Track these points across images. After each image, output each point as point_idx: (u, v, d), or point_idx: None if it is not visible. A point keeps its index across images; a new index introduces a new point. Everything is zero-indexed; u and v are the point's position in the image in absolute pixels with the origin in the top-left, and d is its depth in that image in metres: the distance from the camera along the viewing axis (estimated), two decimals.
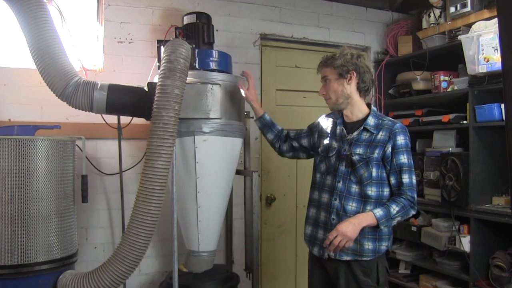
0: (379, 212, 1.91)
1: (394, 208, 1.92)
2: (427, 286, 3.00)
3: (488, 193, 2.74)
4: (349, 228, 1.87)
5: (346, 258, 1.99)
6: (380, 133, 1.99)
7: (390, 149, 1.97)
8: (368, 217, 1.91)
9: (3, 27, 2.52)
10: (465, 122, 2.82)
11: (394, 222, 1.96)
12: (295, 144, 2.32)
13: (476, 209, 2.67)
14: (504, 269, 2.51)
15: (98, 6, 2.76)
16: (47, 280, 1.97)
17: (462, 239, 2.72)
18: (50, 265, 1.97)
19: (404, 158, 1.96)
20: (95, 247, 2.67)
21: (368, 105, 2.10)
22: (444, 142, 3.05)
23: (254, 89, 2.36)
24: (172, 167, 2.03)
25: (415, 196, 1.97)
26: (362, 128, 2.02)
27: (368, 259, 1.98)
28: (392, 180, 1.98)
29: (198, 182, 2.29)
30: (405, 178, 1.96)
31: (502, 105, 2.50)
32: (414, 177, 1.98)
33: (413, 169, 1.99)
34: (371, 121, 2.02)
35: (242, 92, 2.32)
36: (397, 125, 2.01)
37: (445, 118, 2.93)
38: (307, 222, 2.16)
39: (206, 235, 2.36)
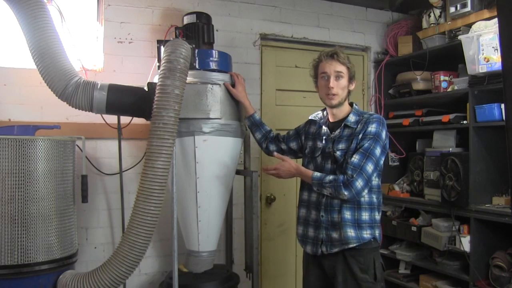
0: (316, 174, 2.01)
1: (328, 178, 1.98)
2: (427, 286, 3.00)
3: (488, 193, 2.74)
4: (286, 169, 2.07)
5: (336, 249, 2.02)
6: (359, 126, 2.03)
7: (360, 136, 1.99)
8: (306, 173, 2.06)
9: (3, 27, 2.52)
10: (465, 122, 2.82)
11: (325, 191, 2.00)
12: (283, 146, 2.36)
13: (476, 209, 2.67)
14: (504, 269, 2.51)
15: (98, 6, 2.76)
16: (47, 280, 1.97)
17: (462, 239, 2.72)
18: (50, 265, 1.97)
19: (366, 143, 1.96)
20: (95, 247, 2.66)
21: (351, 104, 2.14)
22: (444, 142, 3.05)
23: (241, 87, 2.36)
24: (172, 167, 2.03)
25: (358, 179, 1.91)
26: (343, 125, 2.06)
27: (354, 245, 2.00)
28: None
29: (198, 182, 2.29)
30: (355, 158, 1.94)
31: (502, 105, 2.50)
32: (367, 163, 1.92)
33: (372, 157, 1.94)
34: (351, 118, 2.07)
35: (229, 90, 2.33)
36: (374, 115, 2.05)
37: (445, 118, 2.93)
38: (298, 222, 2.21)
39: (206, 235, 2.36)
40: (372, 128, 1.98)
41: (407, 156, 3.37)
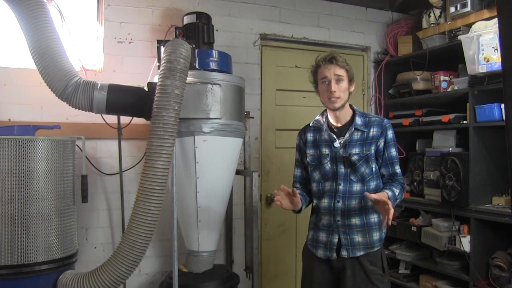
0: (389, 192, 1.96)
1: (396, 191, 2.00)
2: (427, 286, 3.00)
3: (488, 193, 2.74)
4: (386, 199, 1.84)
5: (359, 253, 2.02)
6: (372, 130, 2.05)
7: (382, 143, 2.05)
8: (386, 196, 1.91)
9: (3, 27, 2.52)
10: (465, 122, 2.82)
11: (394, 204, 1.99)
12: (305, 174, 2.19)
13: (476, 209, 2.67)
14: (504, 269, 2.51)
15: (98, 6, 2.76)
16: (47, 280, 1.97)
17: (462, 239, 2.72)
18: (50, 265, 1.97)
19: (394, 151, 2.09)
20: (95, 247, 2.67)
21: (351, 107, 2.13)
22: (444, 142, 3.05)
23: (291, 199, 2.02)
24: (172, 167, 2.03)
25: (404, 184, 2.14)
26: (353, 129, 2.05)
27: (377, 249, 2.04)
28: (384, 172, 2.08)
29: (198, 182, 2.29)
30: (398, 169, 2.09)
31: (502, 105, 2.50)
32: (400, 168, 2.12)
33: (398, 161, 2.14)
34: (358, 120, 2.07)
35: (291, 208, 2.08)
36: (385, 120, 2.10)
37: (445, 118, 2.93)
38: (309, 227, 2.18)
39: (206, 235, 2.36)
40: (390, 135, 2.07)
41: (407, 156, 3.37)
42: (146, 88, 2.21)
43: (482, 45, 2.58)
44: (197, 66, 2.31)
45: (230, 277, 2.45)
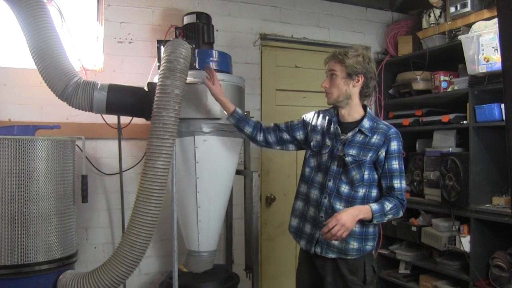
0: (374, 206, 1.92)
1: (388, 205, 1.94)
2: (427, 286, 3.00)
3: (488, 193, 2.74)
4: (349, 218, 1.84)
5: (332, 255, 2.00)
6: (375, 137, 2.00)
7: (384, 153, 1.98)
8: (365, 210, 1.91)
9: (3, 27, 2.52)
10: (465, 122, 2.82)
11: (386, 219, 1.97)
12: (285, 136, 2.21)
13: (476, 209, 2.67)
14: (504, 269, 2.51)
15: (98, 6, 2.76)
16: (47, 280, 1.97)
17: (462, 239, 2.72)
18: (50, 265, 1.97)
19: (395, 164, 1.99)
20: (95, 247, 2.67)
21: (364, 107, 2.10)
22: (444, 142, 3.05)
23: (218, 82, 2.19)
24: (172, 167, 2.03)
25: (405, 199, 2.02)
26: (357, 130, 2.02)
27: (353, 257, 2.00)
28: (383, 184, 2.01)
29: (198, 182, 2.29)
30: (397, 183, 1.99)
31: (502, 105, 2.50)
32: (404, 182, 2.01)
33: (404, 174, 2.02)
34: (366, 123, 2.02)
35: (209, 87, 2.16)
36: (392, 130, 2.02)
37: (445, 118, 2.93)
38: (293, 214, 2.16)
39: (206, 235, 2.36)
40: (394, 146, 1.99)
41: (407, 156, 3.36)
42: (146, 88, 2.21)
43: (482, 45, 2.58)
44: (197, 66, 2.30)
45: (230, 277, 2.45)
